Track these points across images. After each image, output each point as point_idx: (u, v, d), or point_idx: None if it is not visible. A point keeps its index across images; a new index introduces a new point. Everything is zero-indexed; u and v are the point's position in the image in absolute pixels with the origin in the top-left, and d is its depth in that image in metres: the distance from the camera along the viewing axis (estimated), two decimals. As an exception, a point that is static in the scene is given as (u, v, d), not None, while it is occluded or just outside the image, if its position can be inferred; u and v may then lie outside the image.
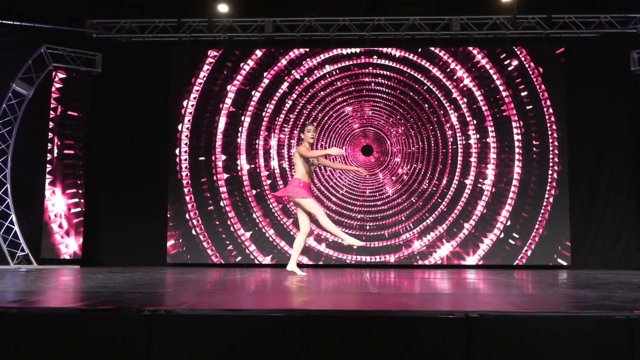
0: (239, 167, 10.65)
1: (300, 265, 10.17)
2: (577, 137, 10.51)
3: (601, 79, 10.55)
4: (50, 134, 10.28)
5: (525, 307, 3.11)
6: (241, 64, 10.80)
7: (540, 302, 3.59)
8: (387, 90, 10.71)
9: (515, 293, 4.33)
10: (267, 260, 10.40)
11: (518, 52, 10.64)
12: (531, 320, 2.64)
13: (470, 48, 10.71)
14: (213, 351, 2.65)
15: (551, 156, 10.43)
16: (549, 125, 10.49)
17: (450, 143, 10.59)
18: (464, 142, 10.58)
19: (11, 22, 10.29)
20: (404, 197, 10.54)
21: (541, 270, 9.22)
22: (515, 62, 10.62)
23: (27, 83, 10.10)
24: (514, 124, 10.55)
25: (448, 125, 10.60)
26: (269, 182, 10.59)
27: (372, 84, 10.74)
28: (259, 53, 10.80)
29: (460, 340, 2.57)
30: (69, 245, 10.15)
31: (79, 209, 10.33)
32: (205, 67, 10.77)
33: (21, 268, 9.26)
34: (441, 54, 10.70)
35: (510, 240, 10.32)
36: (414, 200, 10.51)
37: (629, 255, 10.30)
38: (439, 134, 10.60)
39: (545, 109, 10.52)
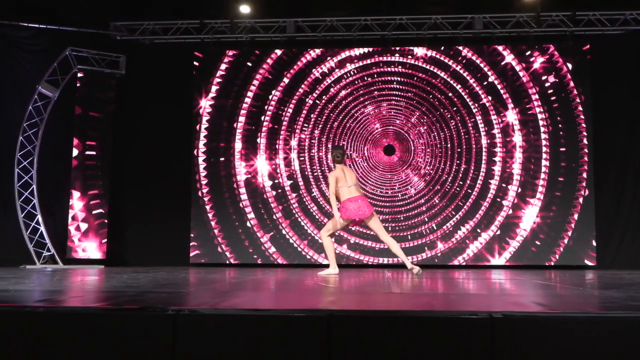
0: (259, 168, 10.67)
1: (318, 266, 10.20)
2: (604, 135, 10.38)
3: (627, 77, 10.40)
4: (74, 135, 10.39)
5: (550, 308, 3.07)
6: (261, 64, 10.83)
7: (565, 303, 3.55)
8: (409, 88, 10.67)
9: (540, 294, 4.28)
10: (288, 261, 10.41)
11: (546, 48, 10.52)
12: (556, 321, 2.61)
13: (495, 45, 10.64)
14: (236, 351, 2.65)
15: (580, 156, 10.29)
16: (578, 124, 10.35)
17: (474, 142, 10.50)
18: (488, 141, 10.49)
19: (37, 25, 10.45)
20: (426, 197, 10.49)
21: (567, 271, 9.11)
22: (542, 59, 10.50)
23: (52, 85, 10.23)
24: (541, 123, 10.43)
25: (471, 124, 10.51)
26: (289, 182, 10.60)
27: (394, 83, 10.71)
28: (279, 52, 10.82)
29: (483, 340, 2.55)
30: (92, 245, 10.26)
31: (100, 210, 10.42)
32: (226, 67, 10.83)
33: (47, 268, 9.38)
34: (465, 50, 10.63)
35: (537, 242, 10.21)
36: (437, 201, 10.45)
37: (656, 255, 10.14)
38: (462, 133, 10.53)
39: (573, 107, 10.38)
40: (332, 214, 7.00)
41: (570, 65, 10.44)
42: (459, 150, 10.52)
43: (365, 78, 10.77)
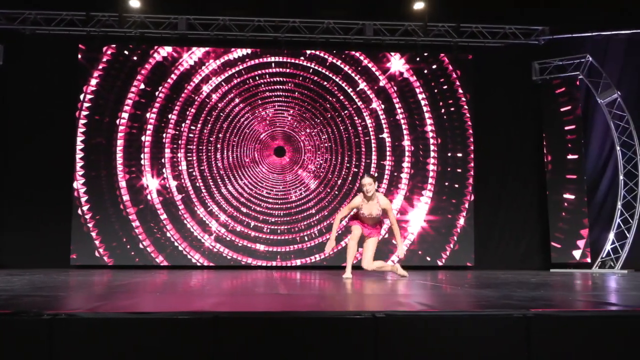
0: (142, 166, 10.36)
1: (205, 267, 10.09)
2: (485, 143, 10.91)
3: (507, 87, 11.02)
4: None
5: (430, 307, 3.18)
6: (148, 59, 10.54)
7: (445, 302, 3.69)
8: (300, 90, 10.74)
9: (422, 293, 4.43)
10: (171, 263, 10.16)
11: (437, 55, 10.91)
12: (435, 319, 2.70)
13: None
14: (118, 356, 2.57)
15: (467, 161, 10.73)
16: (465, 130, 10.80)
17: (364, 145, 10.70)
18: (377, 144, 10.72)
19: None
20: (316, 199, 10.58)
21: (449, 271, 9.49)
22: (433, 66, 10.89)
23: None
24: (429, 128, 10.79)
25: (361, 127, 10.71)
26: (175, 183, 10.36)
27: (286, 84, 10.75)
28: (169, 49, 10.59)
29: (367, 340, 2.60)
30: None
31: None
32: (111, 61, 10.46)
33: None
34: (357, 54, 10.84)
35: (424, 245, 10.54)
36: (326, 204, 10.56)
37: (529, 255, 10.80)
38: (352, 136, 10.71)
39: (461, 114, 10.82)
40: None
41: (459, 73, 10.88)
42: (349, 153, 10.70)
43: (257, 78, 10.74)
